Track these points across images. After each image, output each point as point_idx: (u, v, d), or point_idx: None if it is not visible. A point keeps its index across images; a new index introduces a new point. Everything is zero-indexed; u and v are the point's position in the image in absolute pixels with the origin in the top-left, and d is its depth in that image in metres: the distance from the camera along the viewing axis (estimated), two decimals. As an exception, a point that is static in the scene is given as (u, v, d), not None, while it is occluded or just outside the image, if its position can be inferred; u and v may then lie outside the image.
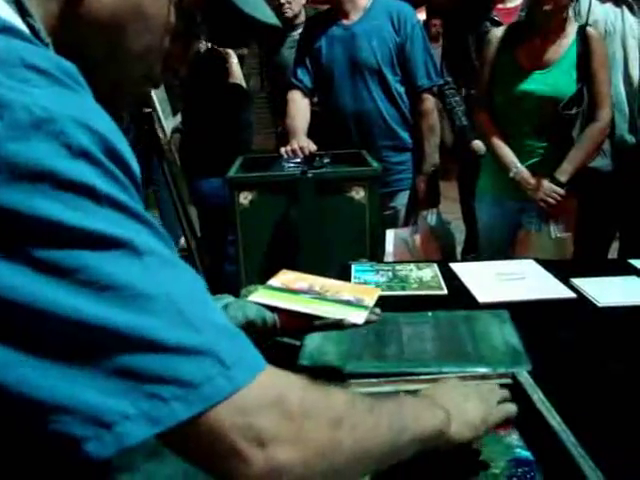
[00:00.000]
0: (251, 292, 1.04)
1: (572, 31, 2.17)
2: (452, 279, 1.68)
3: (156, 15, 0.59)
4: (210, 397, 0.47)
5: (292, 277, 1.15)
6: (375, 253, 2.28)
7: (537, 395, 0.95)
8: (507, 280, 1.66)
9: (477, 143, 3.06)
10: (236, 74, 3.16)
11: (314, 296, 1.07)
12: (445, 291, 1.61)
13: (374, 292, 1.14)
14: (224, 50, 3.11)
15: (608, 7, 2.44)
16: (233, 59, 3.13)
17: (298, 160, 2.43)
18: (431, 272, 1.73)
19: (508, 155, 2.25)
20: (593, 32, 2.17)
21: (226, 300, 1.01)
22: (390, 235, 2.56)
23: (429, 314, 1.42)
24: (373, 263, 1.87)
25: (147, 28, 0.59)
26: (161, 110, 2.82)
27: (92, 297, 0.44)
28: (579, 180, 2.22)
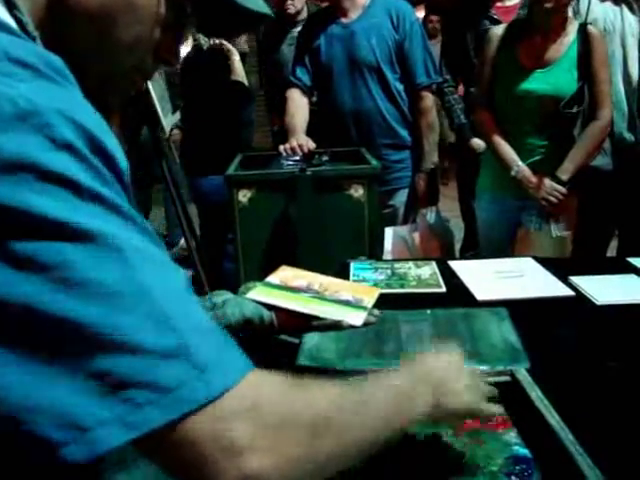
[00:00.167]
0: (250, 289, 1.04)
1: (573, 30, 2.17)
2: (451, 277, 1.68)
3: (146, 5, 0.58)
4: (185, 403, 0.45)
5: (291, 274, 1.14)
6: (374, 251, 2.28)
7: (535, 393, 0.95)
8: (506, 278, 1.66)
9: (476, 141, 3.06)
10: (238, 71, 3.15)
11: (313, 295, 1.06)
12: (444, 289, 1.61)
13: (374, 292, 1.13)
14: (226, 47, 3.10)
15: (607, 6, 2.44)
16: (235, 56, 3.13)
17: (297, 158, 2.43)
18: (430, 270, 1.73)
19: (509, 154, 2.25)
20: (594, 31, 2.17)
21: (224, 297, 1.01)
22: (389, 233, 2.56)
23: (428, 312, 1.42)
24: (372, 261, 1.87)
25: (137, 19, 0.58)
26: (160, 108, 2.82)
27: (67, 293, 0.42)
28: (580, 178, 2.22)
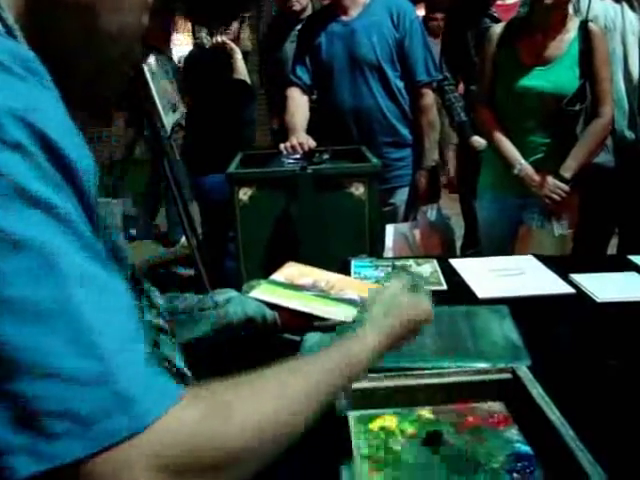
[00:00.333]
0: (254, 287, 1.03)
1: (573, 27, 2.17)
2: (452, 275, 1.69)
3: None
4: (106, 436, 0.42)
5: (297, 271, 1.12)
6: (374, 249, 2.29)
7: (536, 390, 0.95)
8: (506, 276, 1.66)
9: (476, 139, 3.06)
10: (240, 70, 3.15)
11: (317, 293, 1.04)
12: (445, 287, 1.61)
13: None
14: (229, 46, 3.10)
15: (608, 3, 2.44)
16: (238, 55, 3.12)
17: (298, 156, 2.43)
18: (431, 268, 1.73)
19: (512, 152, 2.25)
20: (595, 28, 2.17)
21: (228, 295, 1.01)
22: (390, 230, 2.56)
23: (429, 309, 1.42)
24: (373, 259, 1.87)
25: (121, 6, 0.57)
26: (161, 106, 2.82)
27: None
28: (582, 176, 2.22)
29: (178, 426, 0.46)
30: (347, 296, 1.04)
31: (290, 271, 1.13)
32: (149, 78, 2.68)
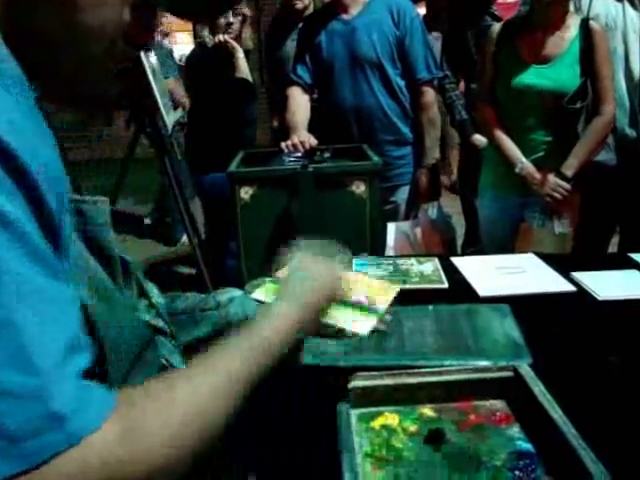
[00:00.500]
0: (257, 287, 1.00)
1: (574, 25, 2.17)
2: (453, 273, 1.69)
3: None
4: (35, 454, 0.42)
5: None
6: (376, 247, 2.29)
7: (538, 388, 0.95)
8: (508, 274, 1.66)
9: (477, 137, 3.06)
10: (243, 69, 3.15)
11: None
12: (446, 285, 1.61)
13: (391, 290, 1.05)
14: (231, 45, 3.09)
15: (609, 2, 2.44)
16: (240, 54, 3.12)
17: (299, 154, 2.44)
18: (432, 266, 1.73)
19: (513, 150, 2.25)
20: (596, 26, 2.17)
21: (230, 294, 1.01)
22: (391, 228, 2.57)
23: (430, 308, 1.42)
24: (374, 257, 1.87)
25: (102, 2, 0.56)
26: (162, 104, 2.82)
27: None
28: (583, 174, 2.22)
29: (103, 446, 0.46)
30: (354, 297, 0.99)
31: None
32: (150, 76, 2.68)
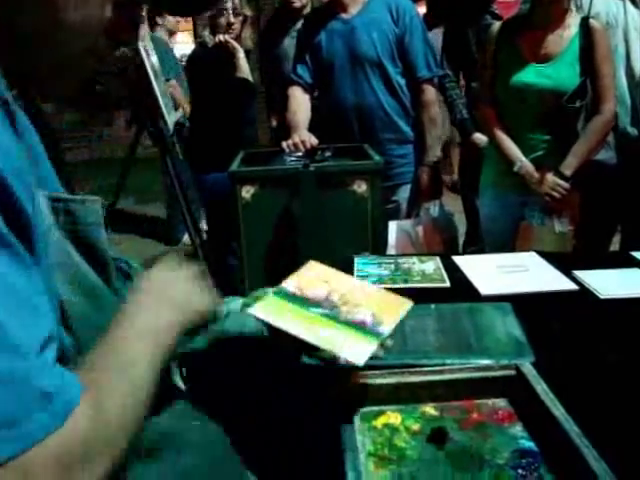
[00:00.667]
0: (258, 299, 0.97)
1: (574, 23, 2.17)
2: (455, 272, 1.69)
3: None
4: (31, 435, 0.43)
5: (313, 278, 1.02)
6: (377, 246, 2.29)
7: (540, 386, 0.96)
8: (509, 273, 1.66)
9: (478, 136, 3.06)
10: (243, 68, 3.15)
11: (325, 312, 0.94)
12: (448, 284, 1.61)
13: (401, 308, 0.99)
14: (231, 45, 3.10)
15: (610, 0, 2.44)
16: (240, 54, 3.12)
17: (300, 154, 2.44)
18: (434, 265, 1.73)
19: (512, 149, 2.25)
20: (596, 24, 2.17)
21: (230, 306, 0.99)
22: (393, 227, 2.57)
23: (432, 306, 1.42)
24: (375, 256, 1.87)
25: None
26: (164, 104, 2.82)
27: None
28: (583, 173, 2.22)
29: (82, 419, 0.48)
30: (358, 317, 0.95)
31: (308, 275, 1.03)
32: (152, 76, 2.68)
